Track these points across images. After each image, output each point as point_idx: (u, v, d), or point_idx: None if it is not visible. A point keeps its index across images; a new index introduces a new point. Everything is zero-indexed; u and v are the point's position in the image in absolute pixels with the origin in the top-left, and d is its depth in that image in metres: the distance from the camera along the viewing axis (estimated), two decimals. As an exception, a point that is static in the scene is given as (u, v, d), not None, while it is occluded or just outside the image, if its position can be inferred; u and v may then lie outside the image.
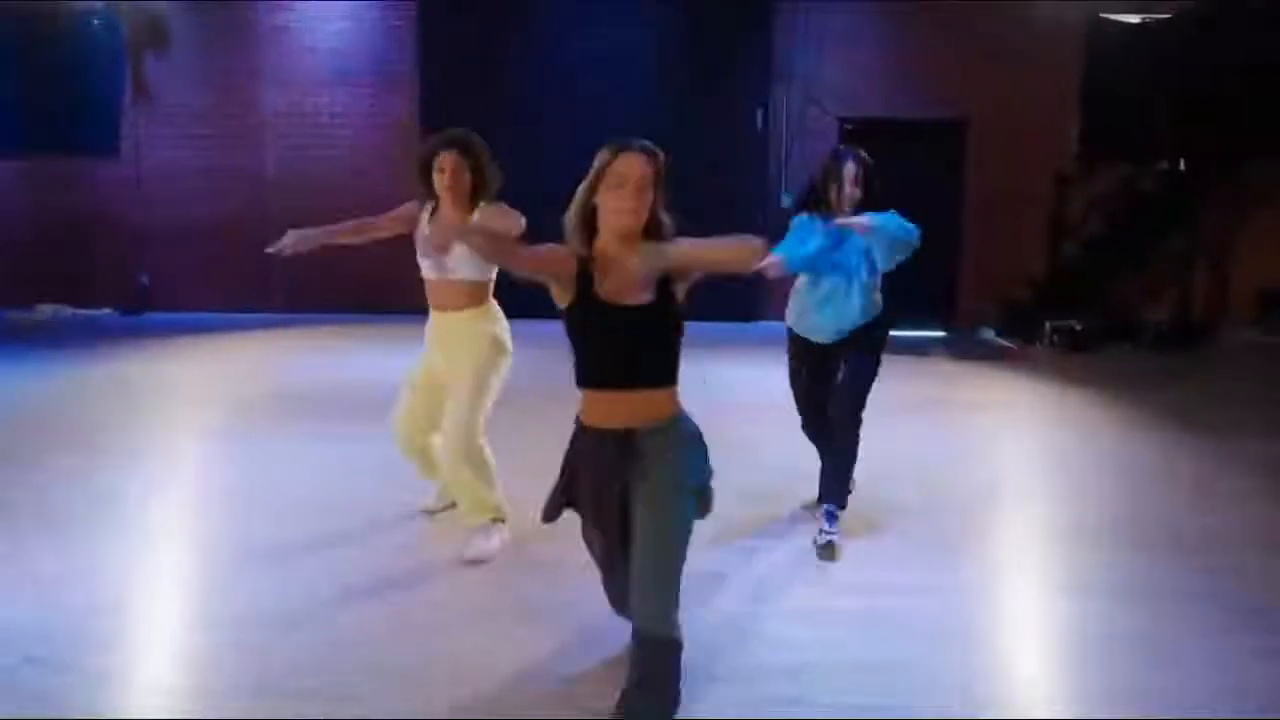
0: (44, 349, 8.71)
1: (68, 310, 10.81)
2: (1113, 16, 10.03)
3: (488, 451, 4.04)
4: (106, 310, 10.86)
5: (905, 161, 10.47)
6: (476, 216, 3.91)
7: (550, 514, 3.01)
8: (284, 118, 10.68)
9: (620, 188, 2.72)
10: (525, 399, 4.94)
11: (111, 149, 10.68)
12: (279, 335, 9.62)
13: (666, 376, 2.84)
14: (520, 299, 3.93)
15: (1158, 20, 9.93)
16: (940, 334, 10.36)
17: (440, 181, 3.91)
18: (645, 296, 2.77)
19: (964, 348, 9.58)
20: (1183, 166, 10.09)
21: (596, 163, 2.78)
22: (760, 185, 10.54)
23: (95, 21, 10.43)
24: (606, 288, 2.77)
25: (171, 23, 10.54)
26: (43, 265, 10.71)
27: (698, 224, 2.83)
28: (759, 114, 10.54)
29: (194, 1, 10.53)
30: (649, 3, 10.60)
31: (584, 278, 2.78)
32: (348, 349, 8.87)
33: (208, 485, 5.10)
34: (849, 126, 10.48)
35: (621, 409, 2.81)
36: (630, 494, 2.78)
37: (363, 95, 10.62)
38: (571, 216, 2.82)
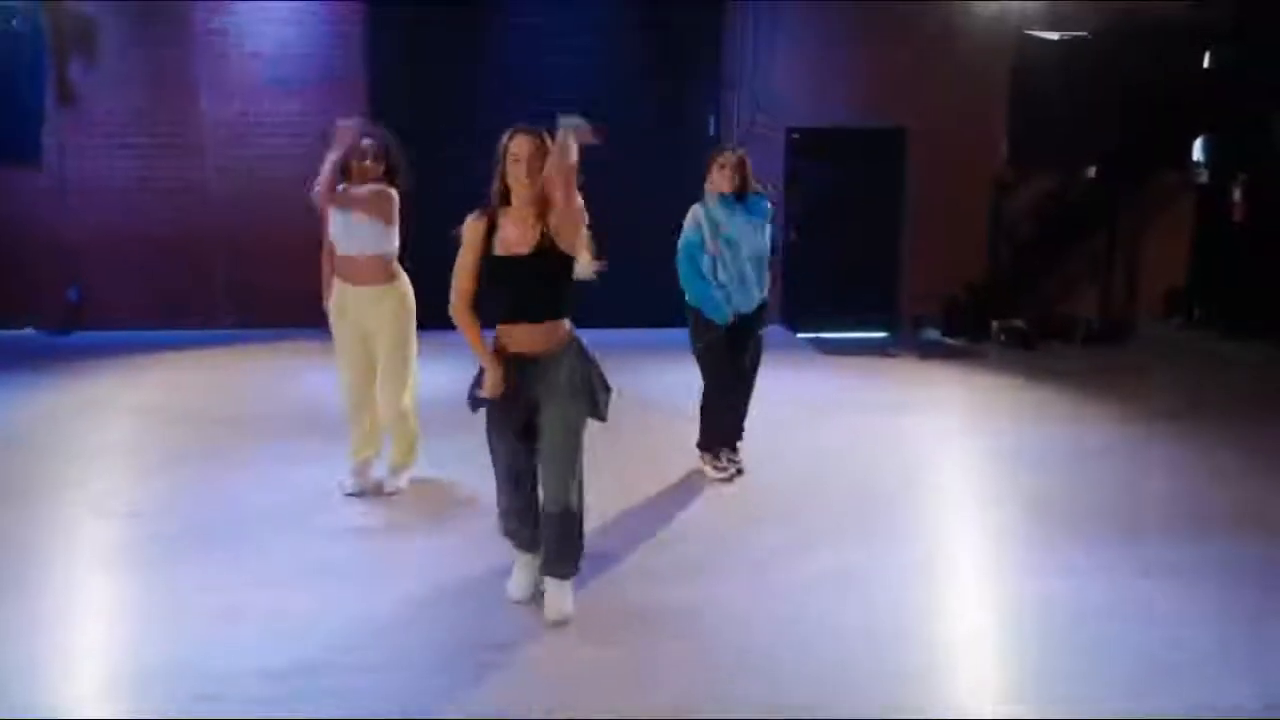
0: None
1: (-16, 331, 10.09)
2: (1037, 34, 10.73)
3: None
4: (29, 330, 10.19)
5: (848, 169, 10.99)
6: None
7: (474, 406, 3.79)
8: (223, 125, 10.24)
9: (516, 164, 3.60)
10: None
11: (33, 158, 10.00)
12: (227, 352, 9.27)
13: (560, 310, 3.71)
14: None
15: (1076, 38, 10.69)
16: (882, 335, 10.85)
17: (358, 166, 4.88)
18: (527, 248, 3.60)
19: (921, 349, 10.07)
20: (1093, 174, 10.89)
21: (501, 143, 3.64)
22: (712, 193, 10.77)
23: (14, 21, 9.73)
24: (505, 244, 3.61)
25: (100, 24, 9.94)
26: (-46, 282, 9.96)
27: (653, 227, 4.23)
28: (711, 120, 10.79)
29: (125, 1, 9.97)
30: (602, 7, 10.67)
31: (487, 240, 3.64)
32: (301, 367, 8.42)
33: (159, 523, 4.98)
34: (795, 135, 10.85)
35: (524, 338, 3.66)
36: (534, 405, 3.65)
37: (308, 102, 10.29)
38: (494, 190, 3.66)
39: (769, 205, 5.52)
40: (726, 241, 5.29)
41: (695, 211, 5.38)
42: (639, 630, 3.68)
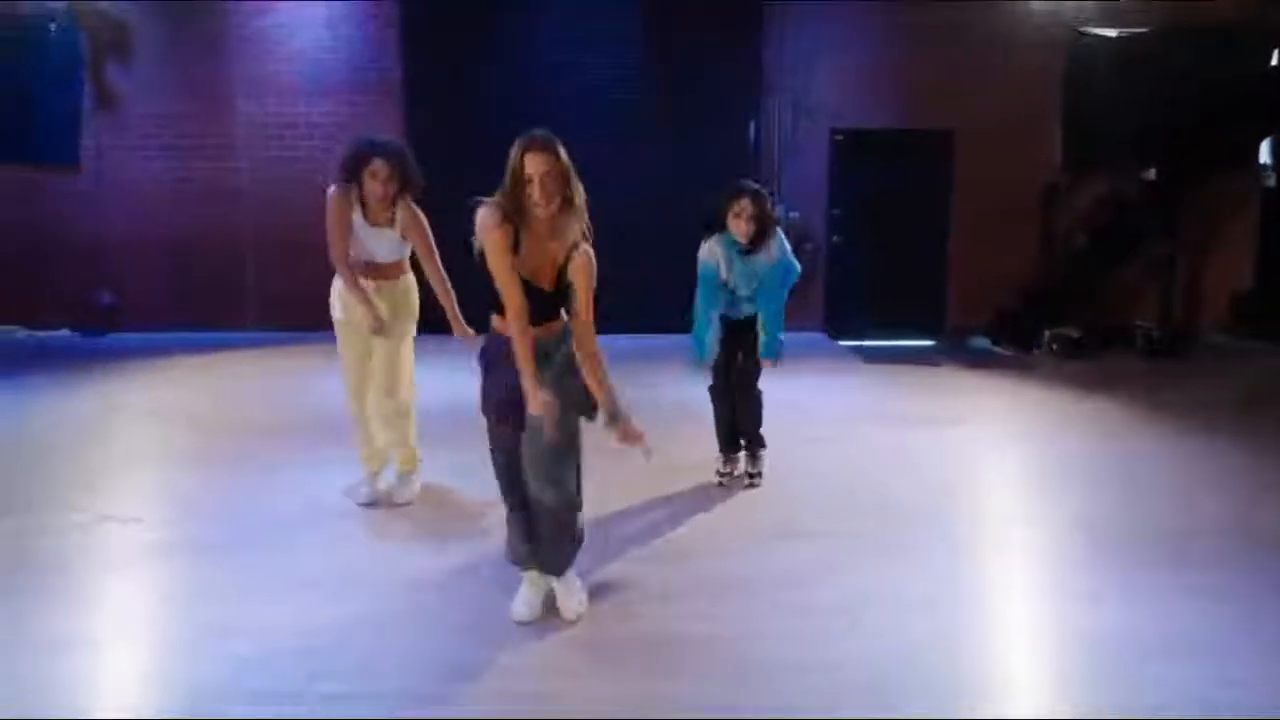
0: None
1: (22, 331, 10.13)
2: (1092, 31, 10.30)
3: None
4: (64, 331, 10.21)
5: (893, 172, 10.64)
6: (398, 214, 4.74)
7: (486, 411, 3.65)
8: (258, 128, 10.20)
9: (529, 184, 3.27)
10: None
11: (71, 161, 10.04)
12: (253, 356, 9.18)
13: (559, 313, 3.56)
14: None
15: (1134, 35, 10.24)
16: (927, 343, 10.45)
17: (373, 185, 4.60)
18: (549, 285, 3.46)
19: (968, 358, 9.67)
20: (1152, 177, 10.40)
21: (512, 159, 3.33)
22: (752, 196, 10.48)
23: (53, 26, 9.79)
24: (527, 267, 3.38)
25: (136, 27, 9.97)
26: (-6, 284, 10.01)
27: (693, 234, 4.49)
28: (751, 125, 10.50)
29: (162, 3, 9.97)
30: (640, 12, 10.44)
31: (514, 249, 3.37)
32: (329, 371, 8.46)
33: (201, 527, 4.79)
34: (839, 137, 10.53)
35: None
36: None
37: (343, 105, 10.20)
38: (504, 199, 3.36)
39: (782, 252, 5.18)
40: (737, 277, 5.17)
41: (711, 245, 5.12)
42: (654, 656, 3.43)
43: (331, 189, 4.67)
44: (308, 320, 9.77)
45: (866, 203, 10.54)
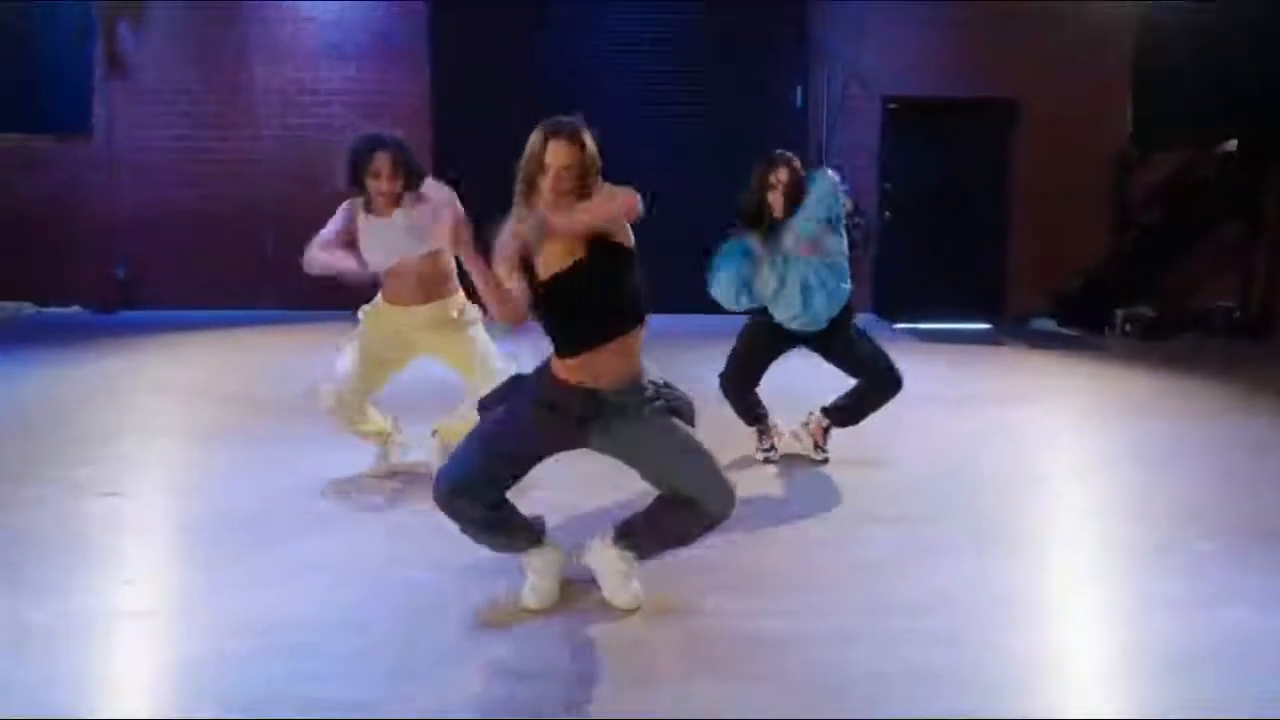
0: (6, 351, 7.62)
1: (31, 308, 9.66)
2: (1166, -2, 9.60)
3: None
4: (75, 308, 9.74)
5: (951, 144, 9.96)
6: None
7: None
8: (277, 96, 9.68)
9: (545, 175, 2.85)
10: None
11: (82, 129, 9.57)
12: (269, 333, 8.65)
13: (630, 323, 2.94)
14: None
15: (1209, 2, 9.51)
16: (986, 326, 9.76)
17: (377, 186, 4.15)
18: (571, 259, 2.88)
19: (1032, 340, 8.99)
20: (1235, 150, 9.68)
21: (531, 148, 2.88)
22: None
23: (65, -11, 9.34)
24: (552, 268, 2.89)
25: (150, -9, 9.50)
26: (2, 258, 9.53)
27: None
28: (798, 91, 9.86)
29: (175, -34, 9.49)
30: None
31: (526, 269, 2.92)
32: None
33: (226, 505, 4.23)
34: (893, 105, 9.87)
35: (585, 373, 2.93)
36: (585, 440, 3.00)
37: (366, 72, 9.67)
38: (518, 194, 2.91)
39: (829, 183, 4.54)
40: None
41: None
42: (715, 662, 2.83)
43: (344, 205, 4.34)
44: (332, 298, 9.34)
45: (921, 176, 9.88)
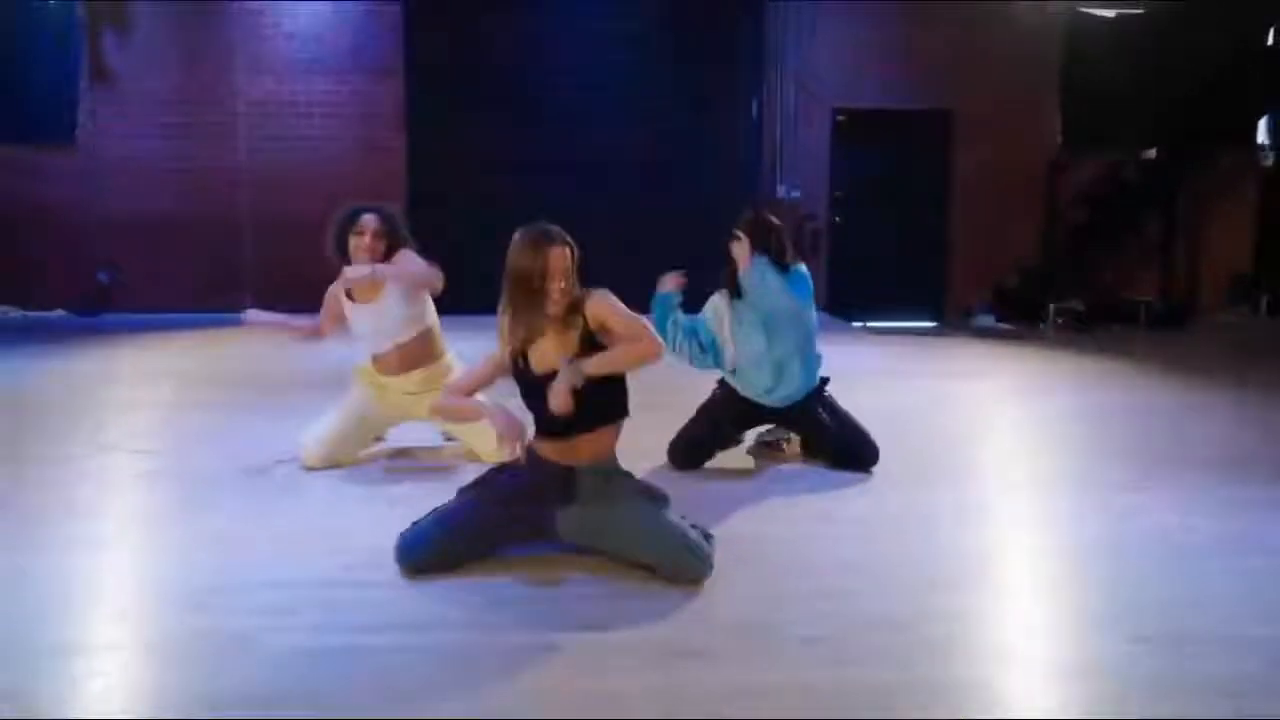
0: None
1: (16, 312, 9.94)
2: (1090, 10, 10.36)
3: None
4: (59, 311, 10.03)
5: (894, 151, 10.65)
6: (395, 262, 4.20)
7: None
8: (258, 106, 10.08)
9: (551, 281, 3.01)
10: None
11: (66, 137, 9.90)
12: (248, 334, 8.93)
13: (609, 417, 3.11)
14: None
15: (1132, 15, 10.31)
16: (930, 323, 10.42)
17: (359, 243, 4.19)
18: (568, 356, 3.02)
19: (972, 333, 9.64)
20: (1153, 155, 10.45)
21: (529, 261, 2.99)
22: (754, 175, 10.47)
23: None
24: (535, 361, 3.08)
25: (134, 1, 9.85)
26: (-13, 263, 9.81)
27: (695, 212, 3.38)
28: (754, 103, 10.48)
29: (160, -22, 9.87)
30: (642, -9, 10.45)
31: (518, 363, 3.12)
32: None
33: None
34: (841, 117, 10.53)
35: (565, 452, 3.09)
36: (552, 525, 3.06)
37: (344, 84, 10.12)
38: (519, 308, 3.05)
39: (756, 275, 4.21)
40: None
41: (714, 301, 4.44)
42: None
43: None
44: (307, 301, 9.72)
45: (868, 183, 10.54)
